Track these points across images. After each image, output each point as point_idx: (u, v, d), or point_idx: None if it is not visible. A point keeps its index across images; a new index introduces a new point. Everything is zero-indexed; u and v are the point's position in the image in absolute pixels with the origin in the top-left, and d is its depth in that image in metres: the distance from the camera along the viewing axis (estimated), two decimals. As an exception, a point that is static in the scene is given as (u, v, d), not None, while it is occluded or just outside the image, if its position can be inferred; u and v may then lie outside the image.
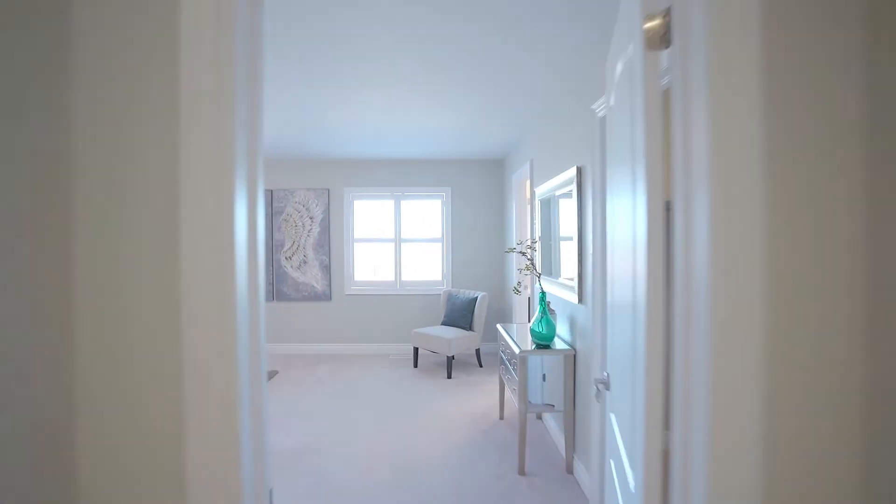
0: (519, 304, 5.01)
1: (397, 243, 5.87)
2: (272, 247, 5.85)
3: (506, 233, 5.68)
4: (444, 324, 5.31)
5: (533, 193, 4.01)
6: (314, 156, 5.51)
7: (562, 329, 3.10)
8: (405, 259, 5.89)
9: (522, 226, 5.00)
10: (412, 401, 4.14)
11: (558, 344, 2.92)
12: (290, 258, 5.85)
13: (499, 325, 3.56)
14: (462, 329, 5.09)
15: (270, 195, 5.84)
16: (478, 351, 5.21)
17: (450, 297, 5.38)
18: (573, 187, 2.75)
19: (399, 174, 5.85)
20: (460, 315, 5.15)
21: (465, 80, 3.00)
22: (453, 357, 4.83)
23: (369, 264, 5.92)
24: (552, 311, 2.99)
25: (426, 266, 5.93)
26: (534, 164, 4.05)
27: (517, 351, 2.81)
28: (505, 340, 3.30)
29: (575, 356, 2.80)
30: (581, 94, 2.67)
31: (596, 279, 2.36)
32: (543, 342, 2.88)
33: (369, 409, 3.93)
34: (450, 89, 3.14)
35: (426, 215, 5.93)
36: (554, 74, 2.85)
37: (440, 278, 5.91)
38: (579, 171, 2.69)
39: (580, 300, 2.68)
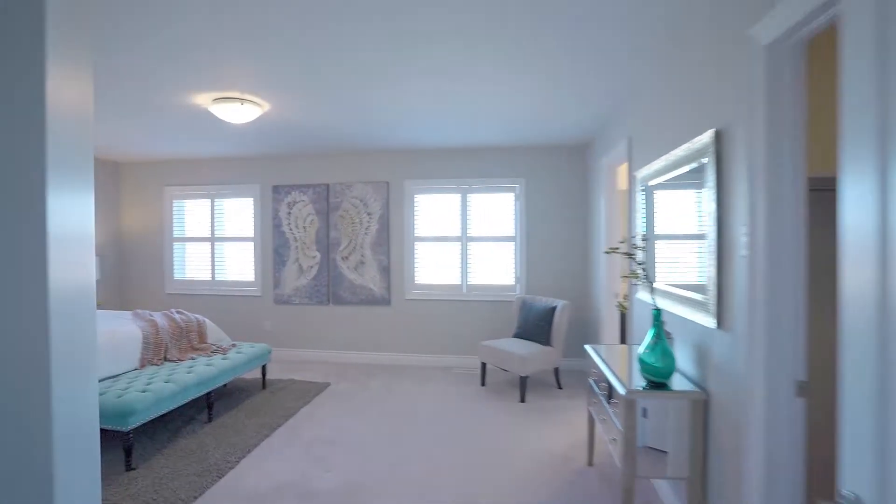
0: (608, 317, 4.15)
1: (463, 242, 5.21)
2: (328, 245, 5.42)
3: (590, 230, 4.82)
4: (516, 336, 4.57)
5: (632, 179, 3.17)
6: (372, 146, 5.00)
7: (682, 360, 2.27)
8: (472, 260, 5.22)
9: (613, 221, 4.14)
10: (478, 429, 3.45)
11: (679, 382, 2.10)
12: (346, 258, 5.39)
13: (589, 348, 2.78)
14: (538, 343, 4.33)
15: (326, 189, 5.41)
16: (556, 370, 4.41)
17: (524, 306, 4.63)
18: (706, 160, 1.93)
19: (465, 164, 5.19)
20: (536, 327, 4.39)
21: (544, 36, 2.28)
22: (527, 376, 4.08)
23: (432, 266, 5.31)
24: (668, 336, 2.17)
25: (496, 269, 5.22)
26: (633, 143, 3.21)
27: (622, 391, 2.02)
28: (599, 369, 2.52)
29: (707, 402, 1.97)
30: (725, 14, 1.84)
31: (757, 295, 1.54)
32: (658, 378, 2.07)
33: (426, 438, 3.30)
34: (525, 49, 2.43)
35: (496, 211, 5.21)
36: None
37: (512, 283, 5.17)
38: (718, 136, 1.86)
39: (719, 323, 1.85)
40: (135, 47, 2.50)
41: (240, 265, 5.71)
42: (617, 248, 2.47)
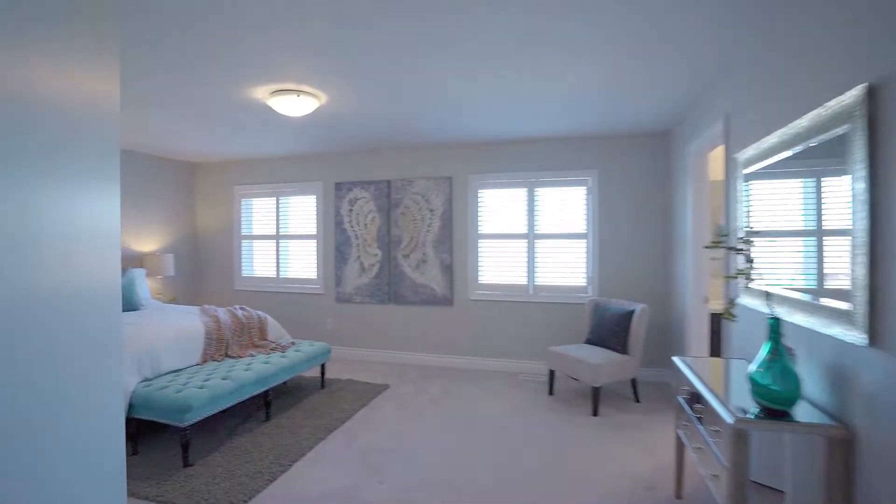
0: (695, 324, 3.64)
1: (530, 240, 4.86)
2: (389, 243, 5.28)
3: (673, 226, 4.30)
4: (588, 342, 4.17)
5: (731, 163, 2.69)
6: (433, 139, 4.79)
7: (809, 383, 1.82)
8: (540, 259, 4.86)
9: (701, 214, 3.63)
10: (545, 444, 3.12)
11: (805, 412, 1.67)
12: (407, 256, 5.22)
13: (679, 361, 2.36)
14: (612, 351, 3.90)
15: (388, 186, 5.28)
16: (633, 381, 3.95)
17: (596, 309, 4.21)
18: (849, 128, 1.49)
19: (532, 156, 4.84)
20: (611, 332, 3.96)
21: (621, 13, 1.91)
22: (600, 387, 3.67)
23: (497, 265, 5.01)
24: (790, 352, 1.73)
25: (565, 269, 4.82)
26: (731, 121, 2.73)
27: (727, 418, 1.63)
28: (692, 386, 2.11)
29: (852, 441, 1.53)
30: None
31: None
32: (775, 404, 1.65)
33: (489, 452, 3.02)
34: (600, 28, 2.08)
35: (566, 206, 4.81)
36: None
37: (583, 283, 4.75)
38: (872, 93, 1.42)
39: (872, 339, 1.41)
40: (191, 41, 2.44)
41: (303, 263, 5.73)
42: (721, 242, 2.04)
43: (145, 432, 3.24)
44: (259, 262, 5.92)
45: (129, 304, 4.17)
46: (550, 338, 4.77)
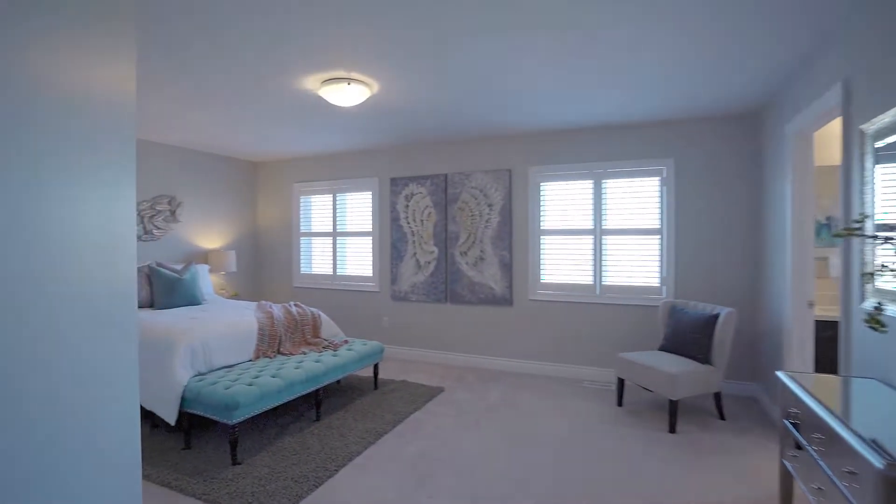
0: (797, 331, 3.12)
1: (597, 236, 4.47)
2: (446, 239, 5.08)
3: (766, 219, 3.75)
4: (663, 349, 3.73)
5: (856, 138, 2.20)
6: (491, 130, 4.52)
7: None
8: (608, 257, 4.45)
9: (803, 204, 3.11)
10: (615, 463, 2.76)
11: (983, 452, 1.24)
12: (465, 253, 4.99)
13: (784, 376, 1.95)
14: (692, 360, 3.45)
15: (444, 180, 5.08)
16: (717, 396, 3.47)
17: (673, 312, 3.76)
18: None
19: (599, 145, 4.45)
20: (691, 339, 3.51)
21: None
22: (678, 401, 3.24)
23: (561, 263, 4.65)
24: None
25: (637, 267, 4.38)
26: (854, 85, 2.24)
27: (875, 461, 1.24)
28: (807, 409, 1.71)
29: None
30: None
31: None
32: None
33: (550, 468, 2.71)
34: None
35: (638, 198, 4.37)
36: None
37: (657, 284, 4.29)
38: None
39: None
40: (238, 30, 2.35)
41: (359, 260, 5.66)
42: (857, 230, 1.62)
43: (198, 426, 3.23)
44: (316, 260, 5.94)
45: (192, 299, 4.26)
46: (619, 343, 4.36)
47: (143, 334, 3.24)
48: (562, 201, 4.64)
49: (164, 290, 4.09)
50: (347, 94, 3.23)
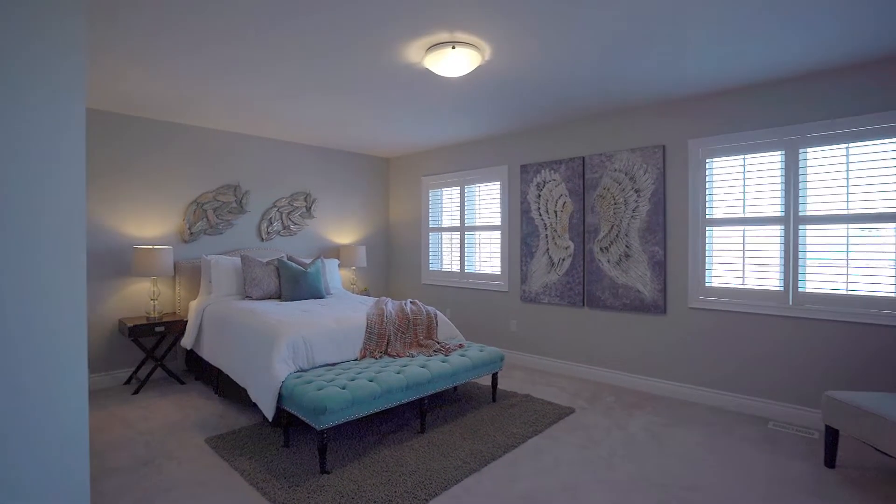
0: None
1: (790, 226, 3.30)
2: (584, 233, 4.33)
3: None
4: (907, 391, 2.50)
5: None
6: (639, 98, 3.67)
7: None
8: (810, 254, 3.25)
9: None
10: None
11: None
12: (606, 249, 4.19)
13: None
14: (969, 414, 2.20)
15: (581, 163, 4.33)
16: None
17: (926, 337, 2.50)
18: None
19: (796, 102, 3.27)
20: (963, 381, 2.26)
21: None
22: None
23: (735, 261, 3.57)
24: None
25: (859, 269, 3.09)
26: None
27: None
28: None
29: None
30: None
31: None
32: None
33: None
34: None
35: (862, 170, 3.09)
36: None
37: (891, 293, 2.97)
38: None
39: None
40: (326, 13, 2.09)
41: (487, 257, 5.22)
42: None
43: (301, 423, 3.11)
44: (445, 256, 5.67)
45: (315, 292, 4.28)
46: (826, 375, 3.14)
47: (254, 325, 3.25)
48: (736, 181, 3.55)
49: (289, 282, 4.18)
50: (454, 61, 2.79)
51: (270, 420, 2.82)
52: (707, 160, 3.67)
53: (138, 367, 3.99)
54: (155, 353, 4.18)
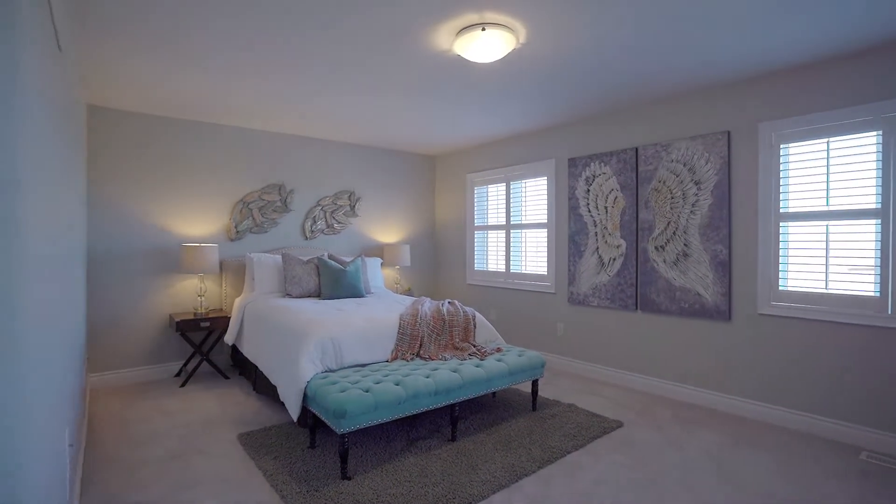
0: None
1: (888, 221, 2.80)
2: (636, 230, 3.98)
3: None
4: None
5: None
6: (699, 78, 3.28)
7: None
8: (909, 253, 2.74)
9: None
10: None
11: None
12: (661, 248, 3.81)
13: None
14: None
15: (634, 155, 3.98)
16: None
17: None
18: None
19: (889, 75, 2.77)
20: None
21: None
22: None
23: (815, 261, 3.10)
24: None
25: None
26: None
27: None
28: None
29: None
30: None
31: None
32: None
33: None
34: None
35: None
36: None
37: None
38: None
39: None
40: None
41: (533, 256, 4.95)
42: None
43: (325, 424, 3.03)
44: (490, 255, 5.46)
45: (354, 291, 4.24)
46: (936, 396, 2.62)
47: (286, 323, 3.23)
48: (817, 168, 3.07)
49: (328, 280, 4.15)
50: (485, 44, 2.60)
51: (295, 420, 2.76)
52: (781, 145, 3.22)
53: (187, 360, 4.12)
54: (202, 348, 4.31)
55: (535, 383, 3.42)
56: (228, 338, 3.99)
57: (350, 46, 2.79)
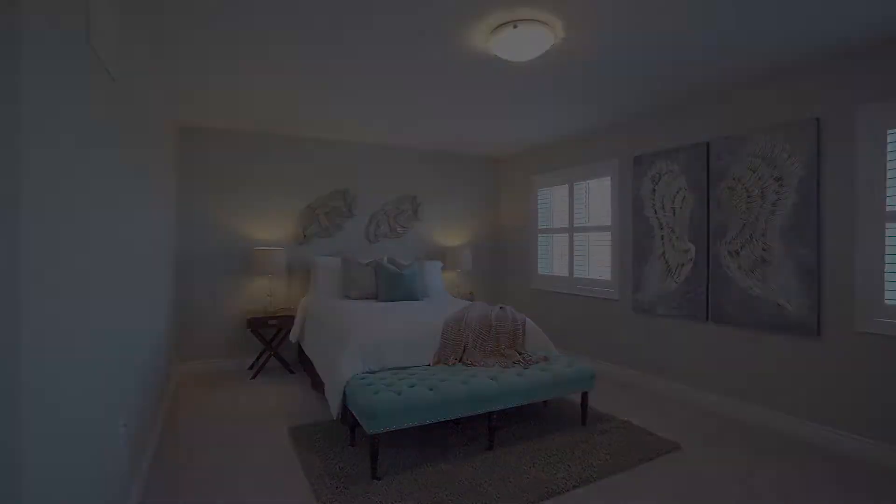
0: None
1: None
2: (707, 233, 3.61)
3: None
4: None
5: None
6: (779, 59, 2.89)
7: None
8: None
9: None
10: None
11: None
12: (736, 252, 3.42)
13: None
14: None
15: (705, 150, 3.61)
16: None
17: None
18: None
19: None
20: None
21: None
22: None
23: (926, 270, 2.59)
24: None
25: None
26: None
27: None
28: None
29: None
30: None
31: None
32: None
33: None
34: None
35: None
36: None
37: None
38: None
39: None
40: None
41: (597, 260, 4.69)
42: None
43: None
44: (555, 260, 5.26)
45: (410, 294, 4.32)
46: None
47: (334, 323, 3.37)
48: (933, 159, 2.56)
49: (386, 283, 4.27)
50: (519, 41, 2.52)
51: (335, 417, 2.87)
52: (889, 131, 2.73)
53: (259, 355, 4.47)
54: (272, 344, 4.64)
55: (584, 395, 3.23)
56: (292, 336, 4.25)
57: (396, 48, 2.85)
